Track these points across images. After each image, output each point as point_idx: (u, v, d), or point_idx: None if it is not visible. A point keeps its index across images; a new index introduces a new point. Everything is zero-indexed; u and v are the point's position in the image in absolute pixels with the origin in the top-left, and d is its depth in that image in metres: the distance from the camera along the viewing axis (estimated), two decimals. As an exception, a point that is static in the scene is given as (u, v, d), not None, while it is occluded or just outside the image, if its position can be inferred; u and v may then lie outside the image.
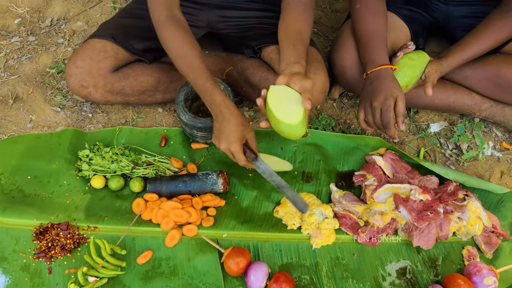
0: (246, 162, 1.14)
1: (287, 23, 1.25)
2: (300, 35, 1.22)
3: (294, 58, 1.15)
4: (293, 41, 1.20)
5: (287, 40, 1.21)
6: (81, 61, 1.33)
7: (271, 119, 1.09)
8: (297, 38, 1.21)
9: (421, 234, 1.23)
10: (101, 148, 1.38)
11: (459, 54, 1.33)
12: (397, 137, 1.21)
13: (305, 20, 1.26)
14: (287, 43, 1.20)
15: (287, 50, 1.18)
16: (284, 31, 1.24)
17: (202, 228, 1.26)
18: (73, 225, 1.26)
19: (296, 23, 1.24)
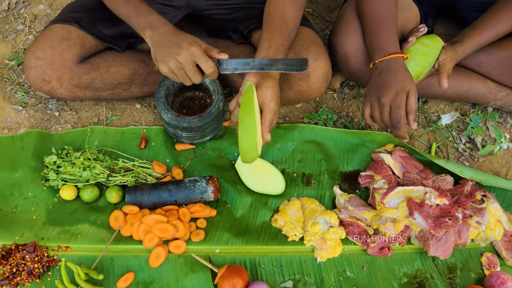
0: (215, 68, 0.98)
1: (270, 3, 1.09)
2: (282, 19, 1.05)
3: (273, 51, 1.00)
4: (273, 27, 1.04)
5: (268, 25, 1.05)
6: (41, 51, 1.13)
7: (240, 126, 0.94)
8: (279, 23, 1.05)
9: (438, 243, 1.10)
10: (70, 152, 1.19)
11: (474, 39, 1.18)
12: (407, 137, 1.07)
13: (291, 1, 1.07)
14: (267, 29, 1.04)
15: (265, 38, 1.03)
16: (266, 13, 1.08)
17: (191, 243, 1.11)
18: (41, 246, 1.09)
19: (279, 3, 1.07)
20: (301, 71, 0.96)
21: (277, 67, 0.96)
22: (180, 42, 0.96)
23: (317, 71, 1.11)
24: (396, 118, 1.03)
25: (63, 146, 1.21)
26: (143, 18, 1.01)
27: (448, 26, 1.50)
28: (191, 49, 0.95)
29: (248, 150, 0.95)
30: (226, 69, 0.99)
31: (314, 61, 1.11)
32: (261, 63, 0.96)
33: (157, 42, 0.98)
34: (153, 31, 0.99)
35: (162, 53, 0.97)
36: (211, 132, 1.23)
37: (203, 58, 0.96)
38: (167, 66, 0.97)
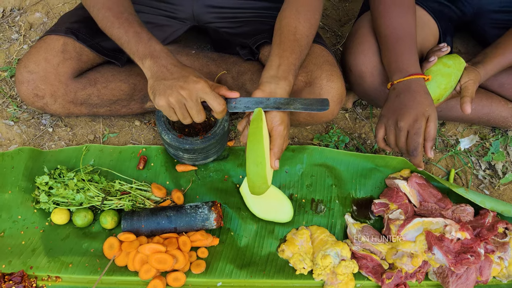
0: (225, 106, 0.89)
1: (281, 17, 1.02)
2: (294, 36, 0.98)
3: (283, 69, 0.92)
4: (284, 44, 0.96)
5: (278, 41, 0.98)
6: (34, 64, 1.05)
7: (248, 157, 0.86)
8: (290, 40, 0.97)
9: (458, 281, 1.02)
10: (63, 172, 1.11)
11: (497, 60, 1.11)
12: (423, 166, 0.99)
13: (304, 15, 1.00)
14: (278, 46, 0.97)
15: (275, 55, 0.95)
16: (277, 28, 1.01)
17: (191, 275, 1.02)
18: (30, 275, 1.01)
19: (292, 19, 0.99)
20: (321, 111, 0.89)
21: (295, 107, 0.88)
22: (186, 75, 0.87)
23: (330, 92, 1.03)
24: (413, 145, 0.95)
25: (56, 165, 1.13)
26: (144, 46, 0.91)
27: (466, 44, 1.43)
28: (198, 84, 0.86)
29: (257, 183, 0.87)
30: (236, 107, 0.91)
31: (328, 82, 1.03)
32: (277, 102, 0.89)
33: (157, 74, 0.88)
34: (154, 61, 0.89)
35: (163, 86, 0.86)
36: (214, 153, 1.15)
37: (211, 94, 0.87)
38: (166, 99, 0.86)
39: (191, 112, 0.88)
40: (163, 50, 0.91)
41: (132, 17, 0.94)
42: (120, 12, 0.94)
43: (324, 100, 0.89)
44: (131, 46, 0.91)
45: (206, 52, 1.24)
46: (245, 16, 1.18)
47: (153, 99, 0.88)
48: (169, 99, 0.85)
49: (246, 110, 0.90)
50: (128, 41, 0.92)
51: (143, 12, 1.16)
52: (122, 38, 0.92)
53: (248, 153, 0.84)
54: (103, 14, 0.95)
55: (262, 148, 0.83)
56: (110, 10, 0.94)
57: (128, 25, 0.93)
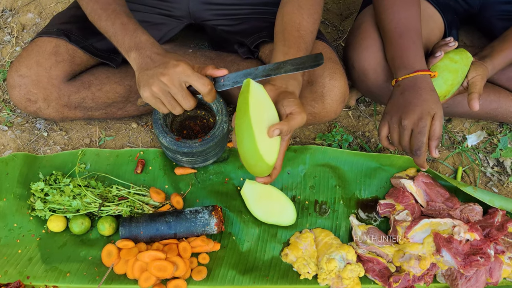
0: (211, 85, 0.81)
1: (283, 13, 0.97)
2: (298, 32, 0.93)
3: None
4: (289, 41, 0.91)
5: (282, 38, 0.92)
6: (26, 68, 1.02)
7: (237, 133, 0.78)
8: (295, 36, 0.92)
9: (467, 283, 0.98)
10: (59, 178, 1.08)
11: (505, 53, 1.07)
12: (426, 166, 0.96)
13: (308, 10, 0.95)
14: (281, 43, 0.92)
15: (280, 52, 0.90)
16: (279, 25, 0.96)
17: (192, 282, 0.99)
18: (27, 285, 0.98)
19: (295, 15, 0.95)
20: (317, 66, 0.78)
21: (286, 69, 0.79)
22: (166, 61, 0.81)
23: (333, 91, 0.99)
24: (417, 145, 0.92)
25: (52, 170, 1.10)
26: (130, 38, 0.87)
27: (471, 37, 1.38)
28: (178, 67, 0.79)
29: (251, 159, 0.78)
30: (224, 85, 0.84)
31: (330, 80, 0.99)
32: (266, 69, 0.81)
33: (142, 65, 0.84)
34: (139, 53, 0.85)
35: (145, 77, 0.82)
36: (214, 156, 1.11)
37: (194, 75, 0.80)
38: (149, 90, 0.80)
39: (177, 99, 0.82)
40: (148, 40, 0.86)
41: (119, 8, 0.90)
42: (107, 3, 0.90)
43: (317, 55, 0.78)
44: (118, 38, 0.87)
45: (204, 50, 1.20)
46: (243, 13, 1.14)
47: (140, 92, 0.83)
48: (152, 88, 0.80)
49: (236, 85, 0.83)
50: (114, 33, 0.88)
51: (139, 11, 1.12)
52: (109, 30, 0.89)
53: (236, 127, 0.78)
54: (91, 7, 0.91)
55: (249, 119, 0.75)
56: (97, 3, 0.91)
57: (114, 17, 0.89)
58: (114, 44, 0.90)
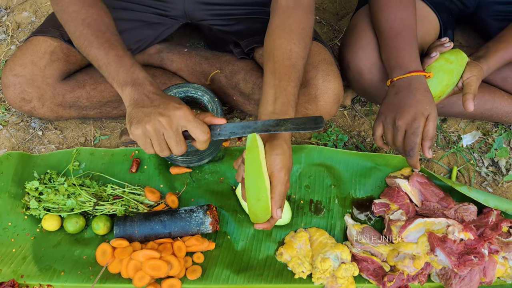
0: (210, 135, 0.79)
1: (273, 38, 0.89)
2: (289, 61, 0.86)
3: (281, 103, 0.82)
4: (279, 71, 0.85)
5: (272, 68, 0.86)
6: (20, 67, 1.02)
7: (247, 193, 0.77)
8: (286, 65, 0.86)
9: (461, 283, 0.99)
10: (53, 177, 1.08)
11: (500, 54, 1.07)
12: (419, 167, 0.96)
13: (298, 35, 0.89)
14: (271, 74, 0.85)
15: (270, 85, 0.84)
16: (269, 50, 0.89)
17: (187, 281, 0.99)
18: (21, 284, 0.98)
19: (286, 41, 0.88)
20: (316, 129, 0.77)
21: (286, 127, 0.77)
22: (167, 102, 0.77)
23: (326, 93, 0.99)
24: (410, 145, 0.92)
25: (46, 169, 1.10)
26: (126, 72, 0.81)
27: (467, 37, 1.39)
28: (180, 110, 0.76)
29: (260, 215, 0.79)
30: (220, 134, 0.80)
31: (324, 82, 0.99)
32: (265, 124, 0.78)
33: (138, 102, 0.78)
34: (135, 89, 0.79)
35: (141, 113, 0.76)
36: (209, 155, 1.11)
37: (194, 121, 0.76)
38: (142, 127, 0.76)
39: (169, 143, 0.78)
40: (146, 78, 0.82)
41: (114, 38, 0.85)
42: (101, 31, 0.84)
43: (317, 118, 0.77)
44: (111, 70, 0.82)
45: (199, 50, 1.20)
46: (238, 13, 1.14)
47: (129, 128, 0.78)
48: (146, 126, 0.75)
49: (232, 136, 0.80)
50: (107, 64, 0.82)
51: (134, 10, 1.12)
52: (101, 60, 0.82)
53: (247, 186, 0.76)
54: (81, 31, 0.84)
55: (262, 180, 0.75)
56: (89, 28, 0.84)
57: (109, 47, 0.82)
58: (103, 74, 0.84)
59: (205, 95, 1.04)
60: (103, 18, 0.86)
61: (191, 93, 1.05)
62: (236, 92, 1.11)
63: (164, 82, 1.15)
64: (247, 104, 1.12)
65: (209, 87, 1.14)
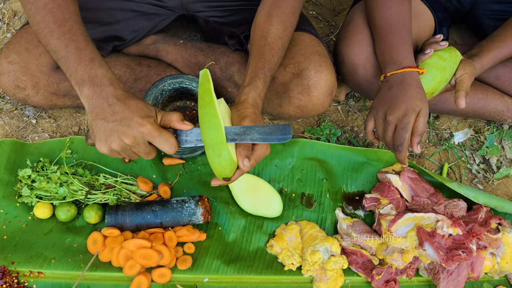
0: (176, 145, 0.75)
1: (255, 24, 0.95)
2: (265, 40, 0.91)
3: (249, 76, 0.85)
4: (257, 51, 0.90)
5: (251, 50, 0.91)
6: (15, 54, 1.02)
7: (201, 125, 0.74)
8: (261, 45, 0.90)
9: (449, 277, 1.00)
10: (46, 165, 1.08)
11: (494, 53, 1.07)
12: (407, 162, 0.96)
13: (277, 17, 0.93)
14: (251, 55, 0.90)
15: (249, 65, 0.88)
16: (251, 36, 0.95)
17: (177, 271, 1.00)
18: (12, 271, 0.98)
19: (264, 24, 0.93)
20: (283, 141, 0.75)
21: (252, 137, 0.74)
22: (129, 117, 0.72)
23: (319, 84, 1.00)
24: (399, 140, 0.92)
25: (39, 157, 1.10)
26: (84, 68, 0.74)
27: (462, 35, 1.39)
28: (143, 127, 0.72)
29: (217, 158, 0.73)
30: (187, 141, 0.77)
31: (316, 73, 1.00)
32: (232, 132, 0.75)
33: (96, 110, 0.73)
34: (93, 90, 0.73)
35: (103, 129, 0.72)
36: (202, 147, 1.12)
37: (160, 137, 0.73)
38: (108, 146, 0.73)
39: (139, 154, 0.76)
40: (106, 75, 0.75)
41: (77, 27, 0.77)
42: (65, 19, 0.76)
43: (285, 127, 0.75)
44: (69, 65, 0.75)
45: (194, 42, 1.20)
46: (234, 4, 1.14)
47: (94, 141, 0.75)
48: (112, 146, 0.73)
49: (199, 144, 0.77)
50: (66, 57, 0.75)
51: (130, 0, 1.12)
52: (60, 52, 0.75)
53: (200, 120, 0.73)
54: (42, 16, 0.76)
55: (215, 110, 0.72)
56: (52, 14, 0.76)
57: (70, 38, 0.75)
58: (62, 68, 0.77)
59: (199, 86, 1.04)
60: (69, 4, 0.78)
61: (186, 84, 1.05)
62: (230, 84, 1.12)
63: (159, 73, 1.15)
64: (240, 96, 1.12)
65: (203, 79, 1.14)
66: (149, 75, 1.14)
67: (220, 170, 0.75)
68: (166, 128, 0.77)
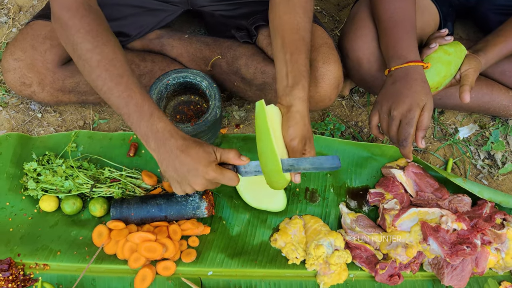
0: (237, 177, 0.84)
1: (279, 14, 0.91)
2: (298, 34, 0.89)
3: (293, 76, 0.85)
4: (289, 45, 0.88)
5: (281, 43, 0.89)
6: (21, 51, 1.02)
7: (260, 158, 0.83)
8: (295, 39, 0.88)
9: (453, 272, 1.00)
10: (51, 159, 1.09)
11: (499, 48, 1.07)
12: (411, 157, 0.96)
13: (302, 8, 0.91)
14: (281, 50, 0.88)
15: (281, 60, 0.88)
16: (277, 28, 0.91)
17: (181, 264, 1.01)
18: (18, 263, 0.99)
19: (292, 15, 0.90)
20: (334, 169, 0.82)
21: (305, 167, 0.82)
22: (195, 168, 0.80)
23: (326, 75, 1.00)
24: (404, 135, 0.92)
25: (45, 151, 1.11)
26: (146, 124, 0.80)
27: (467, 30, 1.39)
28: (208, 175, 0.80)
29: (274, 179, 0.84)
30: (246, 172, 0.86)
31: (324, 64, 1.00)
32: (286, 164, 0.82)
33: (165, 162, 0.82)
34: (157, 144, 0.81)
35: (175, 178, 0.83)
36: (207, 141, 1.12)
37: (223, 179, 0.82)
38: (183, 192, 0.86)
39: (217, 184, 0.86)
40: (166, 128, 0.81)
41: (131, 81, 0.81)
42: (119, 75, 0.81)
43: (334, 158, 0.82)
44: (133, 121, 0.81)
45: (200, 36, 1.20)
46: None
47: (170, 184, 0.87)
48: (186, 191, 0.85)
49: (257, 174, 0.86)
50: (128, 114, 0.81)
51: (136, -5, 1.13)
52: (122, 109, 0.81)
53: (259, 151, 0.82)
54: (98, 75, 0.81)
55: (271, 144, 0.79)
56: (107, 72, 0.80)
57: (128, 96, 0.80)
58: (127, 123, 0.84)
59: (204, 80, 1.05)
60: (119, 57, 0.82)
61: (190, 78, 1.05)
62: (237, 78, 1.12)
63: (163, 69, 1.15)
64: (248, 90, 1.12)
65: (209, 73, 1.14)
66: (154, 71, 1.14)
67: (276, 188, 0.88)
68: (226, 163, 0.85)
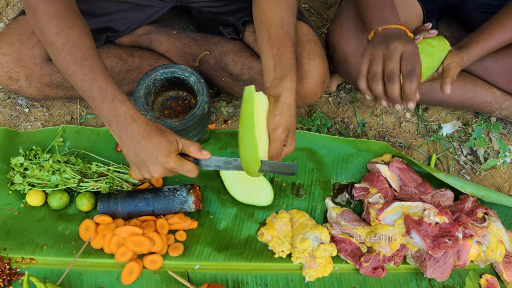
0: (197, 171, 0.86)
1: (263, 10, 0.93)
2: (282, 29, 0.91)
3: (281, 69, 0.87)
4: (275, 39, 0.90)
5: (267, 37, 0.91)
6: (8, 46, 1.02)
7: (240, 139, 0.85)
8: (280, 33, 0.90)
9: (436, 264, 1.02)
10: (38, 154, 1.09)
11: (482, 45, 1.09)
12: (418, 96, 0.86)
13: (285, 4, 0.93)
14: (267, 44, 0.90)
15: (268, 55, 0.89)
16: (262, 24, 0.93)
17: (168, 258, 1.01)
18: (4, 257, 0.99)
19: (276, 11, 0.92)
20: (291, 175, 0.88)
21: (263, 169, 0.86)
22: (154, 155, 0.81)
23: (311, 71, 1.01)
24: (411, 65, 0.83)
25: (32, 146, 1.11)
26: (108, 107, 0.81)
27: (452, 29, 1.41)
28: (168, 164, 0.82)
29: (250, 164, 0.85)
30: (207, 166, 0.88)
31: (308, 60, 1.01)
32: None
33: (126, 146, 0.83)
34: (119, 128, 0.82)
35: (134, 162, 0.84)
36: (194, 136, 1.13)
37: (182, 170, 0.84)
38: (141, 177, 0.87)
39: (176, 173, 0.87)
40: (127, 112, 0.82)
41: (96, 64, 0.82)
42: (83, 58, 0.81)
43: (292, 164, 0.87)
44: (96, 104, 0.82)
45: (188, 32, 1.21)
46: None
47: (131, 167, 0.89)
48: (144, 175, 0.86)
49: (217, 169, 0.89)
50: (92, 97, 0.81)
51: (123, -9, 1.13)
52: (86, 92, 0.82)
53: (240, 134, 0.83)
54: (63, 57, 0.81)
55: (253, 129, 0.81)
56: (71, 55, 0.81)
57: (91, 78, 0.80)
58: (90, 106, 0.85)
59: (192, 76, 1.05)
60: (84, 41, 0.83)
61: (178, 73, 1.06)
62: (225, 74, 1.13)
63: (151, 64, 1.16)
64: (235, 85, 1.13)
65: (197, 69, 1.15)
66: (142, 66, 1.15)
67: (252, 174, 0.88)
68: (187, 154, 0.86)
